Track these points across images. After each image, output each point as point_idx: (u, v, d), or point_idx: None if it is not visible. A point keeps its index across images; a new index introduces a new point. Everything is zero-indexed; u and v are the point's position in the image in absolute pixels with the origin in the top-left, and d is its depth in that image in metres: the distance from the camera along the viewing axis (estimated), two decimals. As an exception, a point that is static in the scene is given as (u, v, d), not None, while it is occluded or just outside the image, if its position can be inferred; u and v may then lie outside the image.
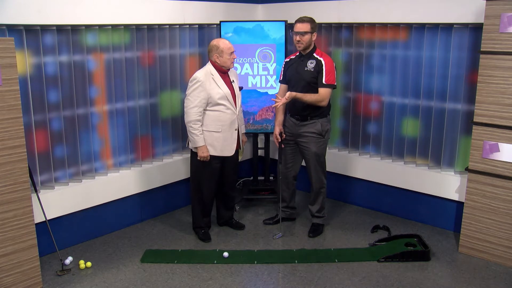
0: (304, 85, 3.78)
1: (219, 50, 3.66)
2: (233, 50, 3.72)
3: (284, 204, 4.22)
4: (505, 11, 3.26)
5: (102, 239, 3.99)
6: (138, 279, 3.39)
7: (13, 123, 2.94)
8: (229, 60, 3.70)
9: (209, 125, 3.71)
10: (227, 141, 3.78)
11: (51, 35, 3.49)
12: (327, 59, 3.79)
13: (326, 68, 3.74)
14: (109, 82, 3.90)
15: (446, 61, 3.95)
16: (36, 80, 3.45)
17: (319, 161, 3.94)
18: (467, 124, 3.89)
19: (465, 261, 3.66)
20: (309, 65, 3.77)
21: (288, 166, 4.06)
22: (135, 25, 3.97)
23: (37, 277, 3.20)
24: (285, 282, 3.36)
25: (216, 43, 3.69)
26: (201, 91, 3.62)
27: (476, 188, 3.63)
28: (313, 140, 3.86)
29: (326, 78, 3.74)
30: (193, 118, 3.64)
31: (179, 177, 4.50)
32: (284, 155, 4.03)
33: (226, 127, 3.74)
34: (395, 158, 4.39)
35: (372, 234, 4.11)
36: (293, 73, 3.86)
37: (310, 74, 3.76)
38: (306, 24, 3.71)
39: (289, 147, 3.99)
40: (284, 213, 4.24)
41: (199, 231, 3.99)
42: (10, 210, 2.99)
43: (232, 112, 3.75)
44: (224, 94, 3.69)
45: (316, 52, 3.83)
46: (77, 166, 3.82)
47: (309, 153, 3.89)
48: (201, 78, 3.64)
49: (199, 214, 3.97)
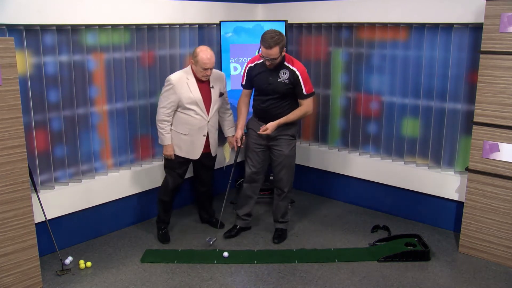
0: (278, 97, 3.65)
1: (196, 60, 3.60)
2: (209, 67, 3.59)
3: (247, 210, 4.04)
4: (505, 11, 3.26)
5: (102, 239, 3.99)
6: (138, 279, 3.39)
7: (13, 123, 2.94)
8: (200, 73, 3.62)
9: (178, 126, 3.74)
10: (194, 145, 3.78)
11: (51, 35, 3.49)
12: (300, 67, 3.62)
13: (303, 79, 3.59)
14: (109, 82, 3.90)
15: (446, 61, 3.95)
16: (36, 80, 3.45)
17: (291, 164, 3.85)
18: (467, 124, 3.89)
19: (465, 261, 3.66)
20: (282, 75, 3.60)
21: (258, 171, 3.89)
22: (135, 25, 3.97)
23: (37, 277, 3.20)
24: (285, 282, 3.36)
25: (199, 51, 3.59)
26: (172, 94, 3.63)
27: (476, 188, 3.63)
28: (286, 143, 3.77)
29: (306, 89, 3.62)
30: (160, 118, 3.70)
31: (179, 177, 4.50)
32: (253, 160, 3.85)
33: (194, 132, 3.74)
34: (395, 158, 4.39)
35: (372, 234, 4.11)
36: (264, 83, 3.66)
37: (284, 85, 3.61)
38: (275, 49, 3.44)
39: (259, 151, 3.82)
40: (243, 222, 4.07)
41: (159, 230, 4.01)
42: (10, 210, 2.99)
43: (201, 118, 3.72)
44: (194, 99, 3.66)
45: (287, 60, 3.62)
46: (77, 166, 3.82)
47: (281, 156, 3.76)
48: (174, 81, 3.63)
49: (161, 208, 4.00)
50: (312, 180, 5.02)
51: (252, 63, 3.76)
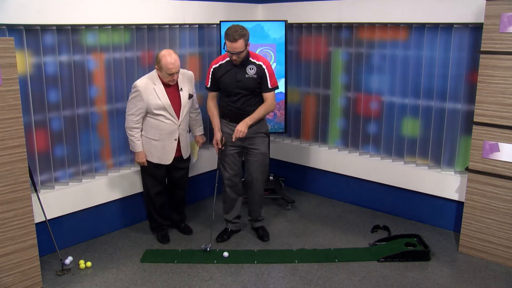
0: (247, 94, 3.63)
1: (160, 65, 3.49)
2: (174, 72, 3.49)
3: (236, 213, 4.00)
4: (505, 11, 3.26)
5: (102, 239, 3.99)
6: (138, 279, 3.39)
7: (13, 123, 2.94)
8: (166, 78, 3.53)
9: (148, 131, 3.67)
10: (165, 150, 3.71)
11: (51, 35, 3.49)
12: (266, 62, 3.63)
13: (268, 72, 3.60)
14: (109, 82, 3.90)
15: (446, 61, 3.94)
16: (36, 80, 3.46)
17: (266, 162, 3.86)
18: (467, 124, 3.89)
19: (465, 261, 3.66)
20: (250, 71, 3.59)
21: (236, 173, 3.85)
22: (135, 25, 3.97)
23: (37, 277, 3.20)
24: (285, 282, 3.36)
25: (161, 56, 3.48)
26: (139, 100, 3.55)
27: (476, 188, 3.63)
28: (261, 141, 3.76)
29: (271, 82, 3.63)
30: (129, 125, 3.63)
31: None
32: (229, 163, 3.81)
33: (164, 136, 3.67)
34: (395, 158, 4.39)
35: (372, 234, 4.11)
36: (232, 81, 3.62)
37: (253, 81, 3.60)
38: (240, 42, 3.42)
39: (234, 153, 3.79)
40: (234, 226, 4.03)
41: (158, 232, 3.99)
42: (10, 210, 2.99)
43: (172, 123, 3.65)
44: (162, 105, 3.57)
45: (251, 56, 3.63)
46: (77, 166, 3.82)
47: (257, 154, 3.76)
48: (140, 87, 3.53)
49: (152, 216, 3.97)
50: (312, 180, 5.02)
51: (216, 64, 3.69)
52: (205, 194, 4.84)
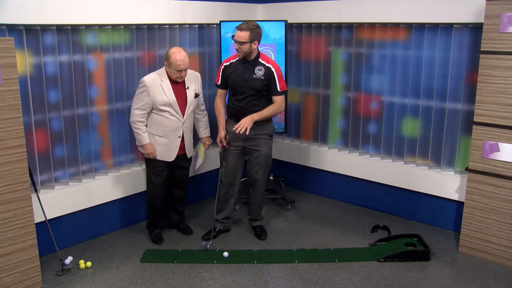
0: (254, 94, 3.66)
1: (169, 62, 3.54)
2: (183, 68, 3.53)
3: (225, 215, 3.99)
4: (505, 11, 3.26)
5: (102, 239, 3.99)
6: (138, 279, 3.39)
7: (13, 123, 2.94)
8: (175, 74, 3.57)
9: (153, 127, 3.69)
10: (169, 147, 3.73)
11: (51, 35, 3.49)
12: (275, 65, 3.68)
13: (277, 75, 3.64)
14: (109, 82, 3.90)
15: (446, 61, 3.94)
16: (36, 80, 3.46)
17: (268, 163, 3.87)
18: (467, 124, 3.89)
19: (465, 261, 3.66)
20: (258, 72, 3.64)
21: (235, 174, 3.87)
22: (135, 25, 3.97)
23: (37, 277, 3.20)
24: (285, 282, 3.36)
25: (171, 53, 3.53)
26: (146, 96, 3.58)
27: (476, 188, 3.63)
28: (264, 143, 3.77)
29: (280, 86, 3.66)
30: (134, 119, 3.64)
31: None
32: (229, 162, 3.83)
33: (169, 133, 3.70)
34: (395, 158, 4.39)
35: (372, 234, 4.11)
36: (239, 80, 3.68)
37: (260, 82, 3.64)
38: (245, 33, 3.51)
39: (235, 152, 3.81)
40: (222, 225, 4.02)
41: (151, 232, 3.99)
42: (10, 210, 2.99)
43: (176, 119, 3.68)
44: (168, 101, 3.61)
45: (262, 58, 3.69)
46: (77, 166, 3.82)
47: (259, 155, 3.77)
48: (148, 83, 3.57)
49: (150, 214, 3.98)
50: (312, 180, 5.02)
51: (227, 62, 3.77)
52: (205, 194, 4.84)
